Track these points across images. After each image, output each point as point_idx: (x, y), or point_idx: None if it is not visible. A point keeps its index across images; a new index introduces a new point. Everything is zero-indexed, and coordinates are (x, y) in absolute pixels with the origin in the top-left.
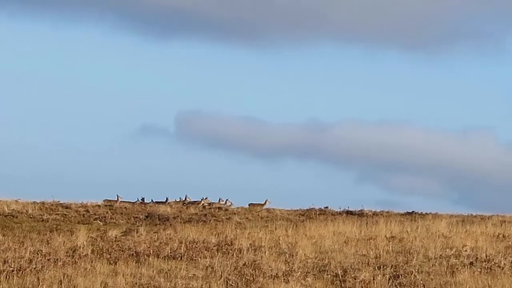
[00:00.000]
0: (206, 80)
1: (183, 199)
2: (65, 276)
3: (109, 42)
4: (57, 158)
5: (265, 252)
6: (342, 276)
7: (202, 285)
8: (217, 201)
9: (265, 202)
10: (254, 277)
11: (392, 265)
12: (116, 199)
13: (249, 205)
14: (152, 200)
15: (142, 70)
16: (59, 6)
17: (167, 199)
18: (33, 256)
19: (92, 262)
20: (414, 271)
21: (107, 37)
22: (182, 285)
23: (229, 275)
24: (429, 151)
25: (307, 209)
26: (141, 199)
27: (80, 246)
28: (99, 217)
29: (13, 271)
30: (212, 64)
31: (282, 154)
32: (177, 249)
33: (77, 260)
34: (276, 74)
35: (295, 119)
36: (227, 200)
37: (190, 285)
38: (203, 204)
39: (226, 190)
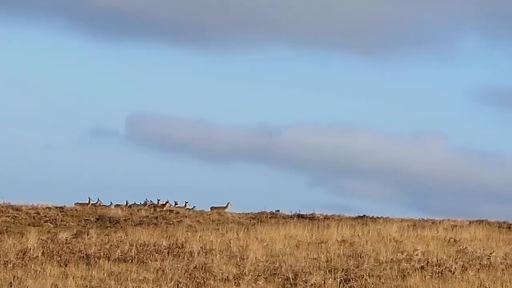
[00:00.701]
0: (156, 82)
1: (149, 202)
2: (15, 278)
3: (59, 44)
4: (7, 160)
5: (216, 255)
6: (293, 279)
7: (152, 287)
8: (176, 204)
9: (227, 205)
10: (205, 280)
11: (343, 269)
12: (90, 202)
13: (211, 208)
14: (127, 202)
15: (92, 73)
16: (7, 9)
17: (127, 202)
18: None
19: (42, 264)
20: (365, 275)
21: (57, 39)
22: (133, 287)
23: (180, 278)
24: (380, 155)
25: (258, 213)
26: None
27: (30, 248)
28: (49, 219)
29: None
30: (163, 66)
31: (233, 157)
32: (127, 251)
33: (27, 262)
34: (227, 77)
35: (246, 122)
36: (186, 202)
37: None
38: (167, 206)
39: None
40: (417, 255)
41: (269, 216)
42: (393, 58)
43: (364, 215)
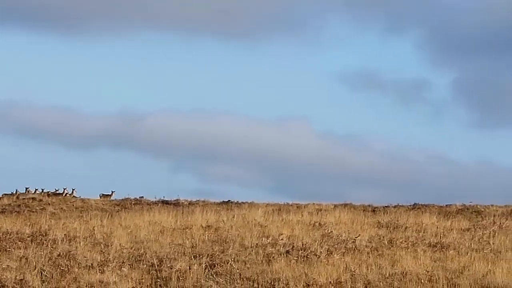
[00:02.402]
0: (19, 70)
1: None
2: None
3: None
4: None
5: (80, 243)
6: (158, 265)
7: (16, 276)
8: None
9: (112, 193)
10: (69, 267)
11: (208, 254)
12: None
13: (100, 196)
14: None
15: None
16: None
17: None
18: None
19: None
20: (230, 260)
21: None
22: None
23: (44, 266)
24: (245, 140)
25: (122, 199)
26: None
27: None
28: None
29: None
30: (26, 53)
31: (97, 144)
32: None
33: None
34: (91, 63)
35: (110, 109)
36: (73, 190)
37: (4, 276)
38: (65, 194)
39: (40, 180)
40: (282, 239)
41: (133, 202)
42: (259, 43)
43: (229, 200)
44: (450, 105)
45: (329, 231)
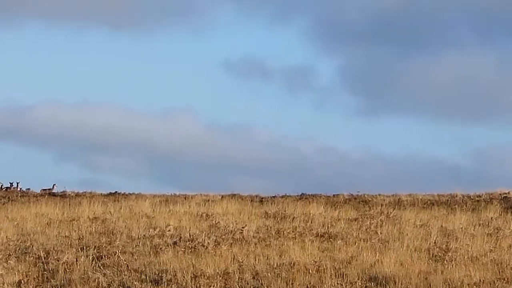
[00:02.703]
0: None
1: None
2: None
3: None
4: None
5: None
6: (44, 258)
7: None
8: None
9: (53, 187)
10: None
11: (95, 246)
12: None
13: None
14: None
15: None
16: None
17: None
18: None
19: None
20: (117, 251)
21: None
22: None
23: None
24: (130, 131)
25: (8, 191)
26: None
27: None
28: None
29: None
30: None
31: None
32: None
33: None
34: None
35: None
36: (18, 183)
37: None
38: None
39: None
40: (169, 230)
41: (19, 194)
42: (144, 32)
43: (116, 191)
44: (335, 93)
45: (216, 222)
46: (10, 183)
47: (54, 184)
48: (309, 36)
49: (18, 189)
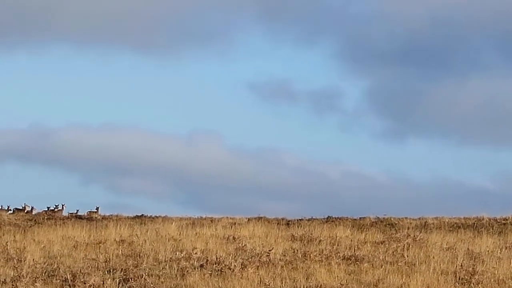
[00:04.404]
0: None
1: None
2: None
3: None
4: None
5: None
6: (71, 280)
7: None
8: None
9: (62, 207)
10: None
11: (122, 269)
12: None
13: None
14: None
15: None
16: None
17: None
18: None
19: None
20: (144, 274)
21: None
22: None
23: None
24: (156, 154)
25: (35, 214)
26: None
27: None
28: None
29: None
30: None
31: (4, 158)
32: None
33: None
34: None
35: (18, 124)
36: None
37: None
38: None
39: None
40: (196, 253)
41: (46, 217)
42: (170, 55)
43: (142, 214)
44: (362, 115)
45: (243, 245)
46: (55, 205)
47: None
48: (335, 58)
49: (63, 210)
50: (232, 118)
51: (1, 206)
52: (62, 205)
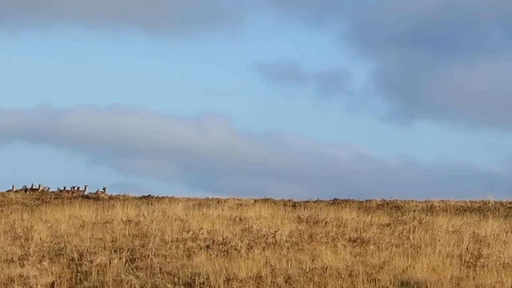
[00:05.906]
0: None
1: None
2: None
3: None
4: None
5: (0, 237)
6: (78, 259)
7: None
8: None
9: (85, 188)
10: None
11: (128, 249)
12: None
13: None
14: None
15: None
16: None
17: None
18: None
19: None
20: (150, 254)
21: None
22: None
23: None
24: (164, 135)
25: (42, 193)
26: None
27: None
28: None
29: None
30: None
31: (13, 138)
32: None
33: None
34: (10, 58)
35: (27, 104)
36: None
37: None
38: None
39: None
40: (202, 234)
41: (53, 196)
42: (179, 36)
43: (149, 194)
44: (370, 97)
45: (249, 226)
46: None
47: (86, 185)
48: (344, 40)
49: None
50: (240, 99)
51: (13, 186)
52: (85, 186)
